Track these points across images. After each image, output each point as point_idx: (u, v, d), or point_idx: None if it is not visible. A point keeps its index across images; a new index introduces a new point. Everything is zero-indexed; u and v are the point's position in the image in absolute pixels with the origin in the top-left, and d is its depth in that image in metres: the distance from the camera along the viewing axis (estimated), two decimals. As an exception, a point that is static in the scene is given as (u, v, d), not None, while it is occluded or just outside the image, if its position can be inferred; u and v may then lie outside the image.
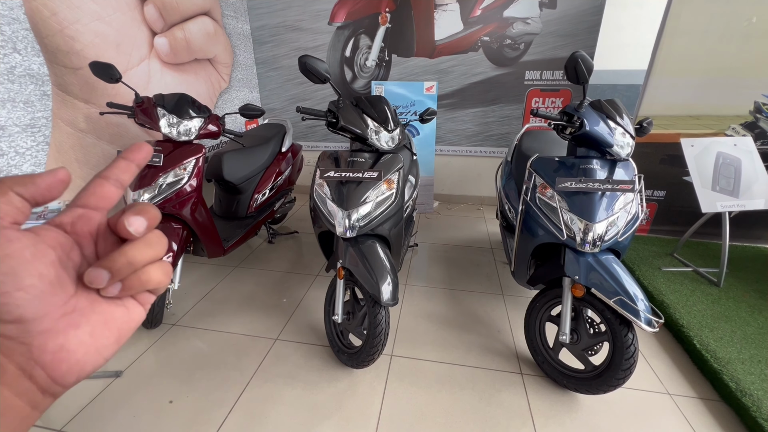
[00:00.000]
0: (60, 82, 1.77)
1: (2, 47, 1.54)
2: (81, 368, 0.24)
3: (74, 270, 0.25)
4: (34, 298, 0.22)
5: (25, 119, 1.64)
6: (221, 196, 2.53)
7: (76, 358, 0.24)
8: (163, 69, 2.40)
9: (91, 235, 0.26)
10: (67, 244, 0.25)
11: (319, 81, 1.46)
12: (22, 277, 0.22)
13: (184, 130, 1.85)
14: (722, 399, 1.52)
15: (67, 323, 0.24)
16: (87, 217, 0.26)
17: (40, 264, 0.22)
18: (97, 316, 0.25)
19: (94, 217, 0.26)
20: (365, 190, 1.53)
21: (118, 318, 0.26)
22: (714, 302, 2.00)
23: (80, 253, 0.25)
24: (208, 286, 2.29)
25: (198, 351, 1.77)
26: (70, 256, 0.25)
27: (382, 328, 1.51)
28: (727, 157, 2.15)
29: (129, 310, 0.27)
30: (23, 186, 0.23)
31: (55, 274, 0.23)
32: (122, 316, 0.26)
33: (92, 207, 0.26)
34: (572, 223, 1.44)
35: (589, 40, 2.93)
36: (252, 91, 3.52)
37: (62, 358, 0.23)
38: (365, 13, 3.17)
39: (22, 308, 0.22)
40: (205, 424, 1.40)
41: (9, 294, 0.21)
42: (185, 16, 2.54)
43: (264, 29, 3.40)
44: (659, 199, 2.71)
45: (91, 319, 0.25)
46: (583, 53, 1.31)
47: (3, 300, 0.21)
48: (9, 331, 0.22)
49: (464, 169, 3.58)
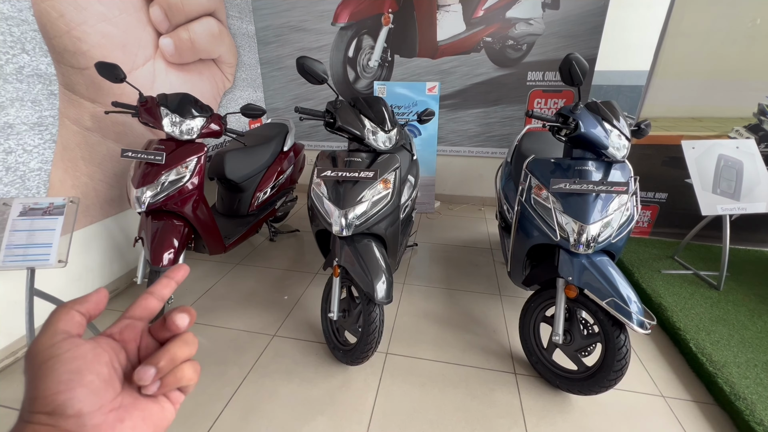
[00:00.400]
0: (67, 82, 1.82)
1: (11, 48, 1.59)
2: None
3: (122, 371, 0.29)
4: (92, 393, 0.25)
5: (32, 118, 1.69)
6: (223, 195, 2.57)
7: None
8: (168, 69, 2.45)
9: (135, 341, 0.31)
10: (117, 348, 0.29)
11: (317, 82, 1.48)
12: (84, 375, 0.26)
13: (187, 129, 1.89)
14: (716, 402, 1.51)
15: (114, 418, 0.26)
16: (133, 326, 0.31)
17: (98, 365, 0.27)
18: (139, 412, 0.28)
19: (138, 326, 0.32)
20: (361, 190, 1.55)
21: (154, 415, 0.29)
22: (713, 306, 1.99)
23: (126, 357, 0.30)
24: (209, 283, 2.33)
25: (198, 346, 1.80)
26: (119, 358, 0.29)
27: (376, 326, 1.53)
28: (729, 160, 2.13)
29: (163, 409, 0.30)
30: (80, 305, 0.30)
31: (108, 373, 0.27)
32: (157, 413, 0.30)
33: (138, 317, 0.32)
34: (566, 225, 1.44)
35: (592, 41, 2.91)
36: (256, 91, 3.56)
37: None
38: (368, 14, 3.19)
39: (82, 402, 0.25)
40: (203, 417, 1.44)
41: (74, 390, 0.25)
42: (190, 17, 2.59)
43: (268, 30, 3.44)
44: (661, 201, 2.69)
45: (133, 414, 0.28)
46: (577, 55, 1.31)
47: (69, 395, 0.25)
48: (68, 425, 0.24)
49: (466, 170, 3.58)
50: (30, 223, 1.49)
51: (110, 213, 2.13)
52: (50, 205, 1.53)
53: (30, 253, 1.46)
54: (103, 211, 2.08)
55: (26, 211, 1.50)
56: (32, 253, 1.46)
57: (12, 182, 1.64)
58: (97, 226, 2.07)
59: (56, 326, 0.27)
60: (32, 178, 1.72)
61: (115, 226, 2.18)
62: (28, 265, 1.45)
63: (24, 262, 1.45)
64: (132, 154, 1.78)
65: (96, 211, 2.04)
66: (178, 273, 0.36)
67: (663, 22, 2.28)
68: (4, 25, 1.56)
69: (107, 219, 2.12)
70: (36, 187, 1.74)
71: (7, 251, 1.44)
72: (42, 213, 1.51)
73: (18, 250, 1.45)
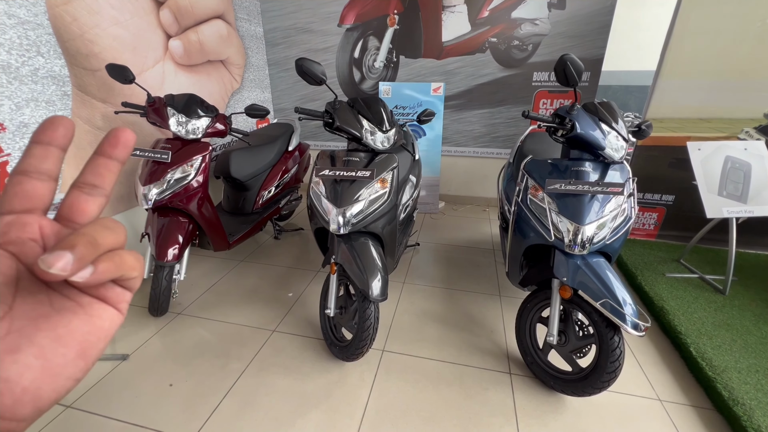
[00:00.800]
0: (79, 83, 1.90)
1: (27, 51, 1.67)
2: (34, 396, 0.21)
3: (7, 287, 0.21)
4: None
5: (46, 117, 1.77)
6: (229, 193, 2.63)
7: (21, 386, 0.20)
8: (177, 70, 2.52)
9: (33, 241, 0.23)
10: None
11: (315, 83, 1.52)
12: None
13: (192, 129, 1.95)
14: (715, 408, 1.49)
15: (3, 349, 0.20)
16: (20, 222, 0.22)
17: None
18: (44, 333, 0.21)
19: (30, 221, 0.23)
20: (358, 189, 1.58)
21: (76, 329, 0.22)
22: (717, 310, 1.95)
23: (16, 265, 0.22)
24: (214, 279, 2.39)
25: (200, 339, 1.86)
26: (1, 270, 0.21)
27: (371, 323, 1.55)
28: (737, 162, 2.09)
29: (94, 317, 0.23)
30: None
31: None
32: (83, 326, 0.23)
33: (20, 210, 0.23)
34: (561, 225, 1.44)
35: (599, 40, 2.88)
36: (264, 92, 3.63)
37: (1, 389, 0.20)
38: (374, 15, 3.22)
39: None
40: (201, 408, 1.48)
41: None
42: (199, 19, 2.66)
43: (276, 31, 3.50)
44: (668, 203, 2.65)
45: (35, 338, 0.21)
46: (572, 56, 1.31)
47: None
48: None
49: (471, 170, 3.58)
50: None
51: (120, 210, 2.20)
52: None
53: (41, 247, 1.52)
54: (113, 207, 2.16)
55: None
56: (43, 247, 1.52)
57: (26, 179, 1.72)
58: (107, 222, 2.14)
59: None
60: (46, 175, 1.79)
61: (124, 222, 2.26)
62: (39, 257, 1.52)
63: (36, 255, 1.51)
64: (140, 152, 1.84)
65: (106, 208, 2.11)
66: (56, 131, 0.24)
67: (670, 22, 2.25)
68: (21, 29, 1.64)
69: (117, 215, 2.20)
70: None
71: (20, 244, 1.51)
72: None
73: (30, 243, 1.52)
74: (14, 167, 0.23)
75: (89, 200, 0.25)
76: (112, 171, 0.26)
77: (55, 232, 0.24)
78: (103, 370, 1.65)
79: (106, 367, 1.66)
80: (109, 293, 0.24)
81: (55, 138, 0.24)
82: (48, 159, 0.24)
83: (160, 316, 1.98)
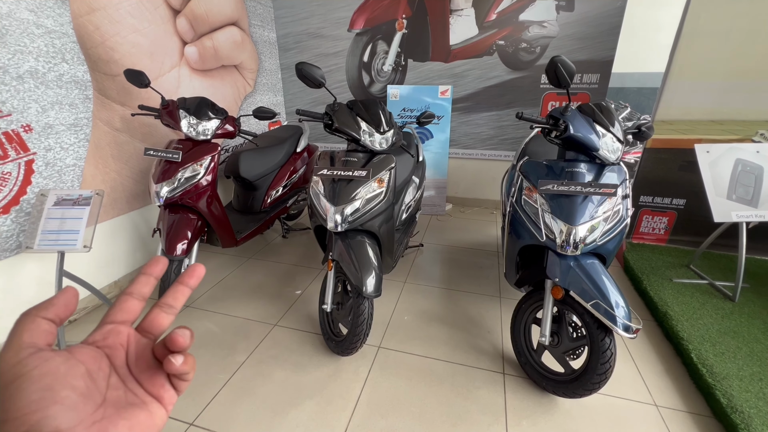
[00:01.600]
0: (100, 87, 2.03)
1: (53, 58, 1.80)
2: None
3: (104, 380, 0.27)
4: (68, 409, 0.24)
5: (69, 119, 1.90)
6: (239, 192, 2.73)
7: None
8: (192, 75, 2.64)
9: (122, 346, 0.30)
10: (97, 356, 0.28)
11: (315, 86, 1.58)
12: (57, 391, 0.24)
13: (202, 130, 2.05)
14: (713, 415, 1.46)
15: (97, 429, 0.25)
16: (116, 331, 0.30)
17: (72, 378, 0.25)
18: (124, 421, 0.27)
19: (123, 330, 0.30)
20: (355, 188, 1.62)
21: (142, 422, 0.28)
22: (724, 317, 1.89)
23: (109, 364, 0.28)
24: (222, 274, 2.49)
25: (206, 330, 1.94)
26: (100, 367, 0.27)
27: (364, 318, 1.59)
28: (748, 165, 2.03)
29: (152, 414, 0.29)
30: (45, 310, 0.27)
31: (86, 386, 0.26)
32: (146, 420, 0.28)
33: (120, 321, 0.31)
34: (553, 226, 1.45)
35: (608, 42, 2.85)
36: (276, 95, 3.74)
37: None
38: (383, 20, 3.29)
39: (58, 420, 0.23)
40: (201, 395, 1.56)
41: (48, 408, 0.23)
42: (214, 26, 2.78)
43: (288, 37, 3.62)
44: (679, 207, 2.59)
45: (118, 425, 0.26)
46: (563, 57, 1.33)
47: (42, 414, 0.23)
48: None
49: (478, 173, 3.58)
50: (62, 212, 1.68)
51: (135, 206, 2.33)
52: (79, 196, 1.71)
53: (61, 239, 1.64)
54: (129, 204, 2.28)
55: (59, 201, 1.70)
56: (62, 239, 1.64)
57: (50, 176, 1.85)
58: (124, 218, 2.27)
59: (21, 340, 0.25)
60: (68, 173, 1.93)
61: (139, 218, 2.38)
62: (58, 248, 1.64)
63: (55, 246, 1.63)
64: (153, 152, 1.95)
65: (122, 204, 2.24)
66: (156, 268, 0.33)
67: (679, 22, 2.21)
68: (48, 38, 1.78)
69: (132, 212, 2.33)
70: (71, 181, 1.94)
71: (42, 236, 1.63)
72: (72, 203, 1.70)
73: (51, 235, 1.64)
74: (125, 289, 0.32)
75: (165, 318, 0.33)
76: (185, 295, 0.34)
77: (135, 340, 0.31)
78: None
79: (117, 354, 1.76)
80: (166, 394, 0.30)
81: (155, 272, 0.33)
82: (147, 286, 0.33)
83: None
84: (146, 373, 0.30)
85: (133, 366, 0.30)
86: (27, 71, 1.71)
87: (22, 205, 1.75)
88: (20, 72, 1.68)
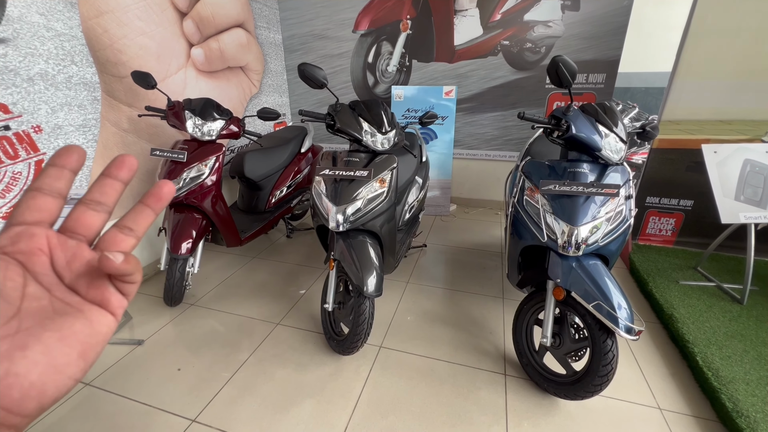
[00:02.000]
0: (108, 89, 2.07)
1: (63, 60, 1.84)
2: (40, 392, 0.22)
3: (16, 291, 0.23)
4: None
5: (78, 120, 1.94)
6: (243, 192, 2.76)
7: (29, 381, 0.22)
8: (198, 76, 2.68)
9: (41, 251, 0.25)
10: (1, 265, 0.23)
11: (317, 86, 1.59)
12: None
13: (207, 131, 2.07)
14: (718, 419, 1.43)
15: (10, 345, 0.21)
16: (29, 233, 0.25)
17: None
18: (50, 333, 0.23)
19: (38, 232, 0.25)
20: (357, 188, 1.63)
21: (78, 332, 0.24)
22: (732, 320, 1.86)
23: (23, 272, 0.24)
24: (227, 273, 2.51)
25: (210, 328, 1.97)
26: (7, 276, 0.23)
27: (365, 318, 1.60)
28: (757, 165, 1.99)
29: (93, 322, 0.25)
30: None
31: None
32: (84, 329, 0.25)
33: (32, 222, 0.25)
34: (555, 226, 1.44)
35: (614, 42, 2.82)
36: (282, 96, 3.77)
37: (11, 383, 0.21)
38: (387, 21, 3.30)
39: None
40: (204, 391, 1.58)
41: None
42: (220, 28, 2.82)
43: (294, 38, 3.64)
44: (686, 209, 2.55)
45: (42, 337, 0.23)
46: (564, 57, 1.32)
47: None
48: None
49: (483, 173, 3.57)
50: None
51: (142, 206, 2.36)
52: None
53: (68, 237, 1.68)
54: (136, 204, 2.32)
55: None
56: (70, 237, 1.67)
57: (59, 176, 1.89)
58: (131, 217, 2.31)
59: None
60: (76, 173, 1.96)
61: (146, 217, 2.42)
62: (66, 247, 1.67)
63: (63, 245, 1.67)
64: (159, 152, 1.98)
65: (130, 203, 2.27)
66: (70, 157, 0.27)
67: (686, 21, 2.18)
68: (58, 41, 1.82)
69: (139, 211, 2.36)
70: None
71: (50, 235, 1.67)
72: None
73: (59, 234, 1.68)
74: (30, 184, 0.26)
75: (93, 215, 0.28)
76: (116, 190, 0.29)
77: (60, 243, 0.26)
78: (120, 354, 1.78)
79: (122, 351, 1.80)
80: (112, 298, 0.26)
81: (69, 162, 0.27)
82: (61, 179, 0.27)
83: (174, 305, 2.11)
84: (83, 278, 0.26)
85: (65, 271, 0.26)
86: (37, 73, 1.75)
87: (32, 204, 1.79)
88: (31, 74, 1.73)
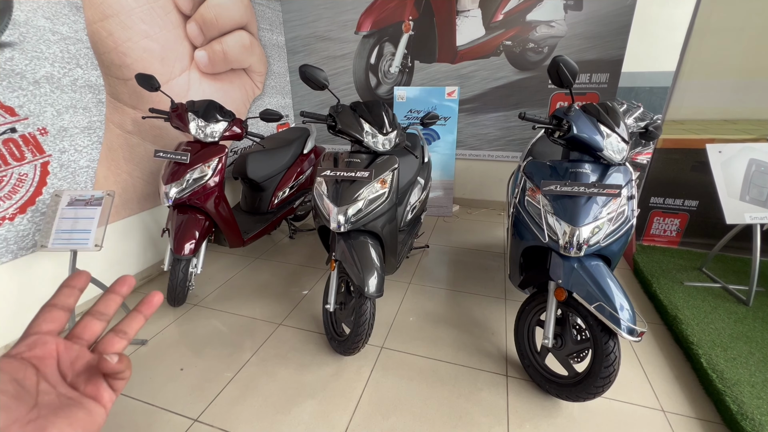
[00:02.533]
0: (113, 92, 2.09)
1: (68, 63, 1.87)
2: None
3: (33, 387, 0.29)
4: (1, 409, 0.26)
5: (83, 122, 1.96)
6: (246, 193, 2.77)
7: None
8: (202, 78, 2.70)
9: (51, 355, 0.31)
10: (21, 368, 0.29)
11: (318, 88, 1.60)
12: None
13: (210, 132, 2.09)
14: (722, 422, 1.42)
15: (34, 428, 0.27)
16: (42, 341, 0.31)
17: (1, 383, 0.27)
18: (61, 419, 0.28)
19: (49, 340, 0.31)
20: (358, 189, 1.63)
21: (81, 419, 0.30)
22: (737, 321, 1.84)
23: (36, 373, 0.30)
24: (230, 274, 2.53)
25: (212, 329, 1.98)
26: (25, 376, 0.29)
27: (366, 318, 1.60)
28: (762, 165, 1.97)
29: (91, 412, 0.31)
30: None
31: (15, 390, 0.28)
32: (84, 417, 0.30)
33: (45, 331, 0.32)
34: (556, 227, 1.43)
35: (618, 41, 2.81)
36: (285, 97, 3.79)
37: None
38: (389, 22, 3.30)
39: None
40: (206, 391, 1.59)
41: None
42: (223, 31, 2.84)
43: (297, 40, 3.66)
44: (691, 209, 2.53)
45: (56, 422, 0.28)
46: (565, 57, 1.32)
47: None
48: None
49: (485, 174, 3.56)
50: (75, 212, 1.73)
51: (146, 207, 2.39)
52: (91, 197, 1.77)
53: (73, 238, 1.70)
54: (140, 205, 2.34)
55: (73, 202, 1.75)
56: (75, 238, 1.69)
57: (65, 177, 1.92)
58: (135, 218, 2.33)
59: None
60: (81, 174, 1.99)
61: (150, 218, 2.44)
62: (71, 247, 1.69)
63: (68, 245, 1.69)
64: (163, 154, 2.00)
65: (134, 204, 2.30)
66: (80, 280, 0.35)
67: (690, 20, 2.16)
68: (63, 44, 1.84)
69: (143, 212, 2.38)
70: (84, 182, 2.01)
71: (56, 235, 1.69)
72: (85, 204, 1.75)
73: (64, 234, 1.70)
74: (48, 300, 0.33)
75: (97, 324, 0.35)
76: (117, 303, 0.36)
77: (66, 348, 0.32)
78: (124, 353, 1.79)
79: (126, 351, 1.81)
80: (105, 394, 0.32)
81: (78, 284, 0.35)
82: (71, 297, 0.34)
83: (177, 306, 2.13)
84: (82, 376, 0.32)
85: (68, 371, 0.32)
86: (43, 76, 1.77)
87: (38, 206, 1.81)
88: (37, 77, 1.75)
